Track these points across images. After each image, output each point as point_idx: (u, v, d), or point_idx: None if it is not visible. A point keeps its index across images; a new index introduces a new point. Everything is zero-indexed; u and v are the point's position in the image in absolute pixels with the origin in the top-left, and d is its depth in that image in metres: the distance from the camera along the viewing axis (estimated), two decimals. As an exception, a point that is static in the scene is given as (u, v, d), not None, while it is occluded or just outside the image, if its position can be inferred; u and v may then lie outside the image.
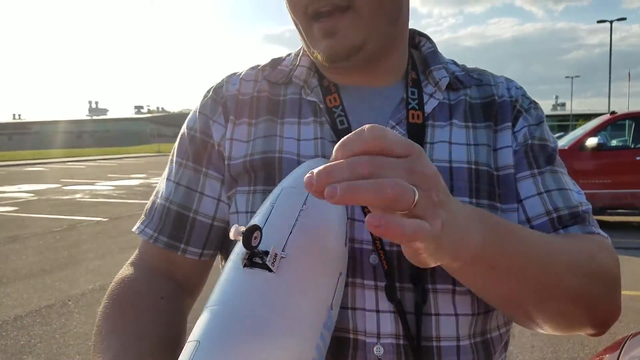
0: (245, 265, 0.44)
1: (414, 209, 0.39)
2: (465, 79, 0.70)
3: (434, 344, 0.60)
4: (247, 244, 0.43)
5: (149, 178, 15.70)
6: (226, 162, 0.67)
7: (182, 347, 0.62)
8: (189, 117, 0.74)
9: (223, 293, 0.45)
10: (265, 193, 0.62)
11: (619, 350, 1.11)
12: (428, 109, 0.66)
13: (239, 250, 0.47)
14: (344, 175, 0.39)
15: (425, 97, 0.67)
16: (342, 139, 0.42)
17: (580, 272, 0.56)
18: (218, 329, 0.42)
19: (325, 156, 0.64)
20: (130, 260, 0.72)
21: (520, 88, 0.72)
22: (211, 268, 0.74)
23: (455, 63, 0.74)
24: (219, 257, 0.74)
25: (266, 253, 0.44)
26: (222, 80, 0.74)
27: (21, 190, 12.16)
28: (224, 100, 0.70)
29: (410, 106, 0.66)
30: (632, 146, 7.45)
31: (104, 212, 8.48)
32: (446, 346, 0.60)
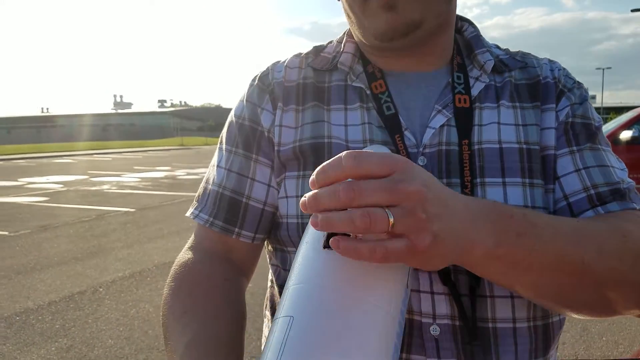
0: (325, 247, 0.46)
1: (393, 229, 0.42)
2: (509, 62, 0.71)
3: (490, 325, 0.60)
4: None
5: (173, 170, 15.91)
6: (276, 149, 0.69)
7: (244, 327, 0.63)
8: (235, 105, 0.75)
9: (305, 272, 0.46)
10: None
11: None
12: (474, 92, 0.67)
13: (316, 232, 0.49)
14: (326, 202, 0.42)
15: (471, 81, 0.68)
16: (321, 165, 0.44)
17: (612, 256, 0.55)
18: (310, 305, 0.43)
19: (373, 141, 0.65)
20: (188, 245, 0.74)
21: (564, 69, 0.72)
22: (261, 252, 0.75)
23: (498, 47, 0.74)
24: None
25: (348, 235, 0.45)
26: (267, 68, 0.75)
27: (50, 182, 12.44)
28: (270, 87, 0.72)
29: (456, 90, 0.66)
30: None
31: (131, 202, 8.63)
32: (502, 327, 0.60)
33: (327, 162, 0.44)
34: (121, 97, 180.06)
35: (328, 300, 0.43)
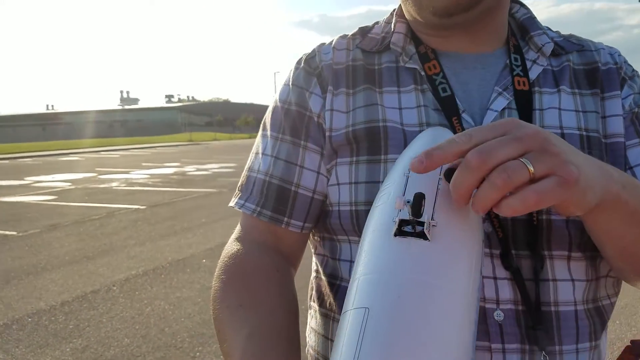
0: (396, 235, 0.44)
1: (536, 174, 0.40)
2: (565, 45, 0.70)
3: (552, 308, 0.60)
4: (416, 212, 0.43)
5: (182, 166, 15.92)
6: (327, 134, 0.66)
7: (298, 318, 0.63)
8: (280, 90, 0.73)
9: (376, 262, 0.45)
10: (370, 163, 0.63)
11: None
12: (532, 75, 0.66)
13: (383, 219, 0.47)
14: (467, 181, 0.42)
15: (529, 64, 0.67)
16: (430, 149, 0.43)
17: None
18: (386, 295, 0.41)
19: (430, 123, 0.63)
20: (235, 236, 0.72)
21: (622, 55, 0.71)
22: (307, 241, 0.73)
23: (549, 29, 0.73)
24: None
25: (421, 223, 0.44)
26: (314, 50, 0.73)
27: (57, 180, 12.46)
28: (318, 70, 0.70)
29: (514, 72, 0.65)
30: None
31: (141, 199, 8.60)
32: (564, 311, 0.60)
33: (435, 146, 0.43)
34: (128, 92, 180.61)
35: (404, 290, 0.42)
